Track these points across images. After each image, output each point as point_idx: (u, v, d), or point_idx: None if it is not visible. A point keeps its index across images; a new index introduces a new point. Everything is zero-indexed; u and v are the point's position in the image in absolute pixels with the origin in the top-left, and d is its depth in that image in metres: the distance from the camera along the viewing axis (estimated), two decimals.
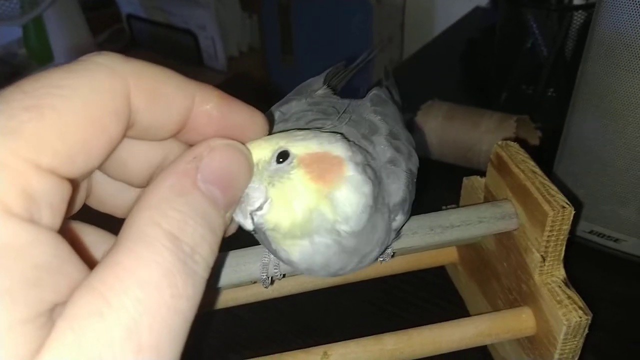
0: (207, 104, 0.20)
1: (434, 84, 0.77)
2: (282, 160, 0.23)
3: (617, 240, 0.47)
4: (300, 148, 0.23)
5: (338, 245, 0.24)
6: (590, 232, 0.48)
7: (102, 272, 0.15)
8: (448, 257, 0.44)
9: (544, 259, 0.32)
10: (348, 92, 0.33)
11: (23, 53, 1.22)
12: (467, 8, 0.98)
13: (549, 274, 0.32)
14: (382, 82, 0.37)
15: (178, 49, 1.39)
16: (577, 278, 0.33)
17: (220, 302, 0.37)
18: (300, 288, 0.38)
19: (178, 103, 0.19)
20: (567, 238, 0.31)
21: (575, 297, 0.31)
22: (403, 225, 0.29)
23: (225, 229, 0.19)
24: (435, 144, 0.58)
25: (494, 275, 0.38)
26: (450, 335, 0.33)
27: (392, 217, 0.27)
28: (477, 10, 0.97)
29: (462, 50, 0.81)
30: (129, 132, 0.18)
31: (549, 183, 0.32)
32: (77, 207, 0.20)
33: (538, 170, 0.33)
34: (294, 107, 0.30)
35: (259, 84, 1.29)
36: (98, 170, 0.20)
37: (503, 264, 0.36)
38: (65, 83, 0.16)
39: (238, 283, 0.30)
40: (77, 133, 0.16)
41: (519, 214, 0.33)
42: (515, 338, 0.35)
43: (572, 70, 0.46)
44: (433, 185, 0.47)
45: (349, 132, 0.27)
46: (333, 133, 0.25)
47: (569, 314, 0.30)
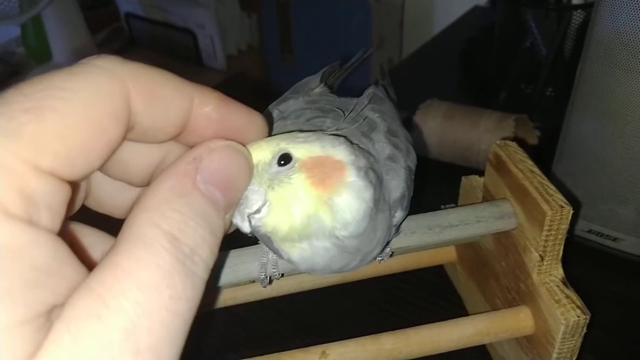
0: (206, 106, 0.20)
1: (433, 83, 0.77)
2: (283, 163, 0.22)
3: (615, 240, 0.47)
4: (303, 151, 0.23)
5: (338, 248, 0.24)
6: (589, 231, 0.48)
7: (100, 273, 0.15)
8: (447, 256, 0.44)
9: (543, 259, 0.32)
10: (344, 90, 0.34)
11: (21, 52, 1.22)
12: (466, 7, 0.97)
13: (548, 274, 0.32)
14: (378, 80, 0.37)
15: (177, 48, 1.39)
16: (575, 277, 0.33)
17: (219, 301, 0.37)
18: (299, 287, 0.38)
19: (176, 105, 0.19)
20: (565, 237, 0.31)
21: (574, 296, 0.31)
22: (403, 221, 0.29)
23: (225, 231, 0.19)
24: (434, 144, 0.58)
25: (493, 275, 0.38)
26: (449, 335, 0.33)
27: (392, 213, 0.27)
28: (476, 10, 0.97)
29: (461, 50, 0.81)
30: (129, 134, 0.18)
31: (548, 182, 0.32)
32: (76, 207, 0.20)
33: (537, 170, 0.33)
34: (292, 105, 0.30)
35: (258, 83, 1.29)
36: (97, 171, 0.20)
37: (501, 264, 0.36)
38: (66, 86, 0.16)
39: (237, 282, 0.30)
40: (77, 135, 0.16)
41: (518, 214, 0.33)
42: (514, 337, 0.35)
43: (571, 70, 0.47)
44: (432, 185, 0.47)
45: (350, 131, 0.27)
46: (336, 136, 0.25)
47: (567, 313, 0.30)
